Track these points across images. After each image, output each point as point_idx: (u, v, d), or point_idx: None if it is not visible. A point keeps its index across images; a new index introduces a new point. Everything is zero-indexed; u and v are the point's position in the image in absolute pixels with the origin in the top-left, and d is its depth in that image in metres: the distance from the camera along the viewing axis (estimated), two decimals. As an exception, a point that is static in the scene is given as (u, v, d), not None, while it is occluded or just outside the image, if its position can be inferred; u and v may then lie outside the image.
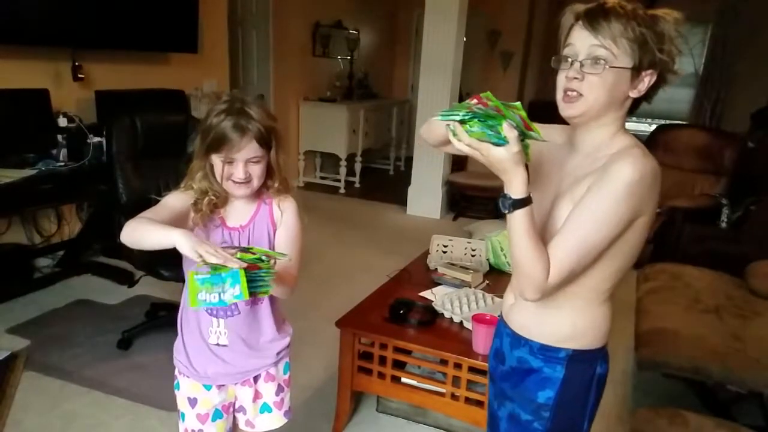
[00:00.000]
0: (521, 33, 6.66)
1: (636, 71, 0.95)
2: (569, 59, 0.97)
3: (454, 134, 0.92)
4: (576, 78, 0.96)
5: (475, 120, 0.89)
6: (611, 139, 1.01)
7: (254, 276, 1.03)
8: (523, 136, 0.90)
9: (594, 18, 0.94)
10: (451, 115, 0.91)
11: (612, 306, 1.09)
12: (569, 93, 0.97)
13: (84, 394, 2.22)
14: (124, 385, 2.27)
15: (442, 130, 1.01)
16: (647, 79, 0.97)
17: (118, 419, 2.09)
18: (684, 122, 5.95)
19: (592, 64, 0.94)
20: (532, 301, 0.99)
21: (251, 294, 1.02)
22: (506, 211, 0.94)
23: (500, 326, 1.20)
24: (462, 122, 0.90)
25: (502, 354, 1.17)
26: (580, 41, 0.96)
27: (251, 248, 1.10)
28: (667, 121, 5.51)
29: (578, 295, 1.04)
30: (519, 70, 6.77)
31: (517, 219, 0.94)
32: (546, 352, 1.07)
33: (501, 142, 0.89)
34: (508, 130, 0.88)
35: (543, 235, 1.00)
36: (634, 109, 1.02)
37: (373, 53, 6.89)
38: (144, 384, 2.28)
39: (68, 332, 2.65)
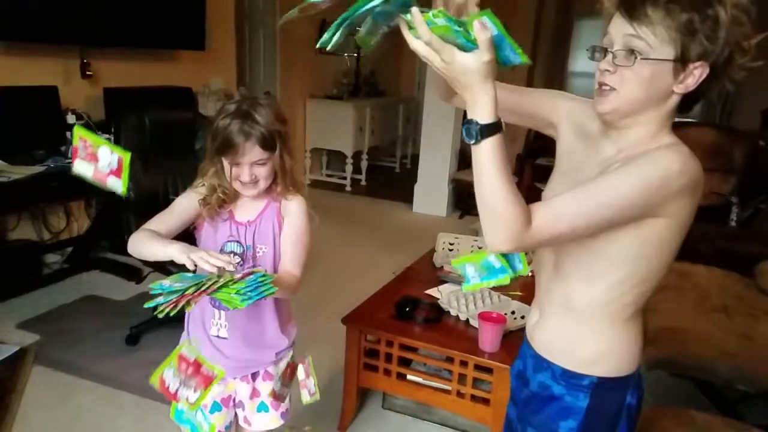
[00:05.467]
0: (529, 30, 6.61)
1: (681, 63, 0.82)
2: (605, 50, 0.87)
3: (411, 27, 0.73)
4: (608, 70, 0.86)
5: (442, 11, 0.69)
6: (652, 138, 0.90)
7: (252, 283, 1.00)
8: (499, 46, 0.70)
9: (630, 3, 0.83)
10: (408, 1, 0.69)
11: (641, 324, 0.98)
12: (603, 87, 0.87)
13: (92, 389, 2.24)
14: (132, 380, 2.29)
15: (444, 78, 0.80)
16: (697, 73, 0.83)
17: (126, 414, 2.11)
18: (694, 120, 5.90)
19: (625, 56, 0.83)
20: (503, 251, 0.84)
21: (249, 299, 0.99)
22: (472, 141, 0.77)
23: (524, 347, 1.11)
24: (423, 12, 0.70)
25: (525, 377, 1.09)
26: (616, 30, 0.85)
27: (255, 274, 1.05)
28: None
29: (598, 309, 0.95)
30: (527, 68, 6.74)
31: (485, 150, 0.77)
32: (569, 378, 0.98)
33: (469, 45, 0.71)
34: (479, 30, 0.69)
35: None
36: (686, 107, 0.90)
37: (380, 50, 6.87)
38: (151, 380, 2.29)
39: (77, 328, 2.67)
